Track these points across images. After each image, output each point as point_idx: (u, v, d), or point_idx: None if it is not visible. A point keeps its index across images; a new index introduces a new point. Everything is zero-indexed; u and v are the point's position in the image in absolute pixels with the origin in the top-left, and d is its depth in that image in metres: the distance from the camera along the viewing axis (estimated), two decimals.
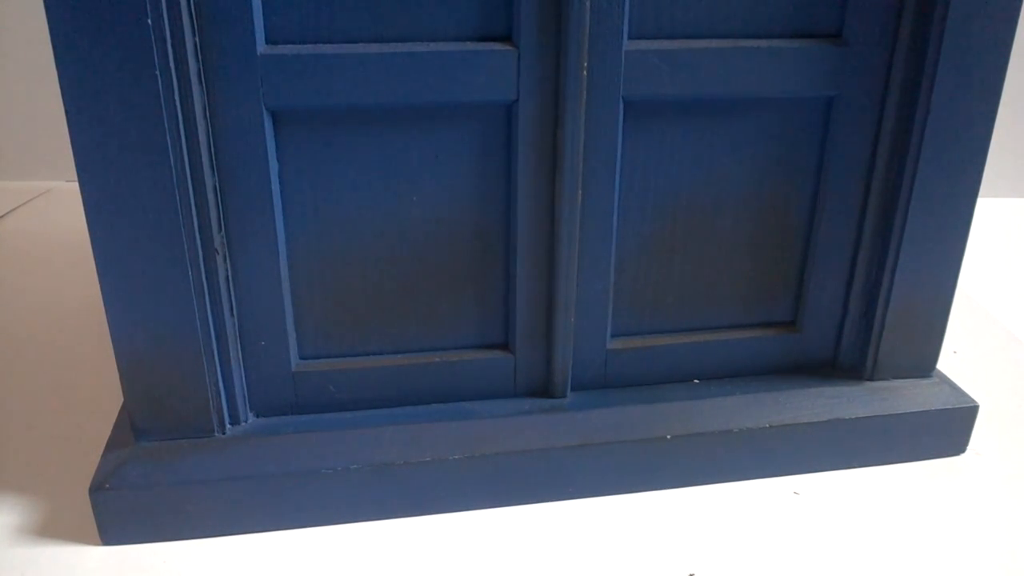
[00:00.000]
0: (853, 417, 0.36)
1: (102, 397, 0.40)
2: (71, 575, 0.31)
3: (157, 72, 0.27)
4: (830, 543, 0.33)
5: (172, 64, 0.27)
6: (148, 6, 0.26)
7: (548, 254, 0.33)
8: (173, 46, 0.27)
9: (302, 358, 0.34)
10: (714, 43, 0.31)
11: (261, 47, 0.29)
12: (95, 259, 0.30)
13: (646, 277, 0.36)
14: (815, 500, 0.35)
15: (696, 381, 0.38)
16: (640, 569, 0.32)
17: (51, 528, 0.33)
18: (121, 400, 0.33)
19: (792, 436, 0.36)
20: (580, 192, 0.32)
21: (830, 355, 0.38)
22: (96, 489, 0.32)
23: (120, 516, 0.32)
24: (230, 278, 0.32)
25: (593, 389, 0.37)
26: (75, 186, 0.29)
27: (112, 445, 0.33)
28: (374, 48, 0.29)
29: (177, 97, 0.28)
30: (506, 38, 0.30)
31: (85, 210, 0.29)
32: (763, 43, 0.32)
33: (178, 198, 0.29)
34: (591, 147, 0.32)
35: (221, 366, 0.32)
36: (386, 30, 0.29)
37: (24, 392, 0.42)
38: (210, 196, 0.30)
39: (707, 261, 0.36)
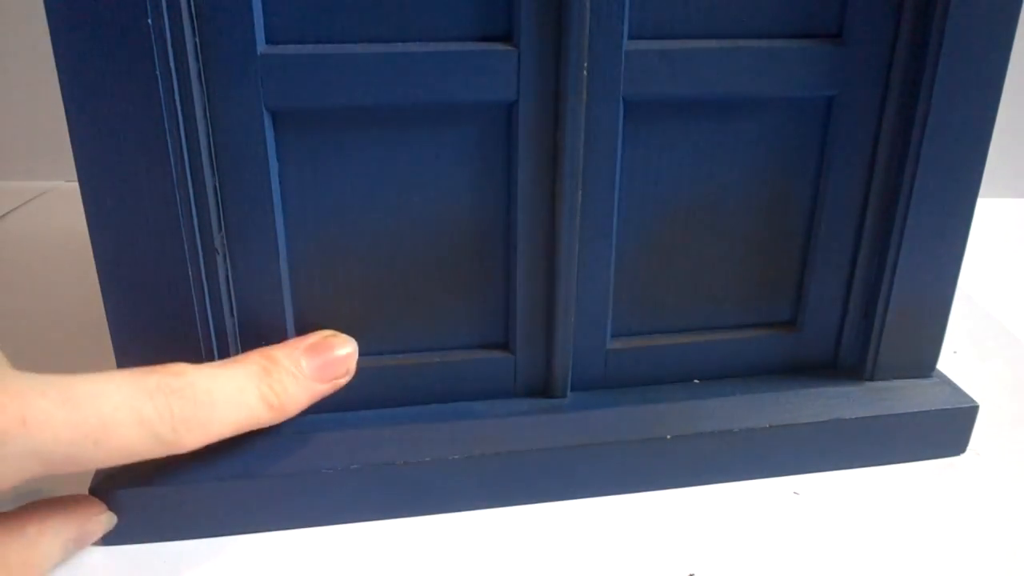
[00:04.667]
0: (853, 417, 0.36)
1: None
2: (71, 575, 0.31)
3: (157, 72, 0.27)
4: (830, 543, 0.33)
5: (172, 64, 0.27)
6: (148, 6, 0.26)
7: (548, 254, 0.33)
8: (173, 46, 0.27)
9: None
10: (714, 43, 0.31)
11: (261, 47, 0.29)
12: (95, 259, 0.30)
13: (646, 277, 0.36)
14: (815, 500, 0.35)
15: (696, 381, 0.38)
16: (640, 569, 0.32)
17: None
18: None
19: (792, 436, 0.36)
20: (580, 192, 0.32)
21: (830, 355, 0.38)
22: (96, 489, 0.32)
23: (120, 516, 0.32)
24: (230, 278, 0.32)
25: (593, 389, 0.37)
26: (75, 186, 0.29)
27: None
28: (374, 48, 0.29)
29: (177, 97, 0.28)
30: (506, 38, 0.30)
31: (85, 210, 0.29)
32: (763, 43, 0.32)
33: (178, 198, 0.29)
34: (591, 147, 0.32)
35: None
36: (386, 30, 0.29)
37: None
38: (210, 196, 0.30)
39: (707, 261, 0.36)
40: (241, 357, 0.30)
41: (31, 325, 0.49)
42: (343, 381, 0.32)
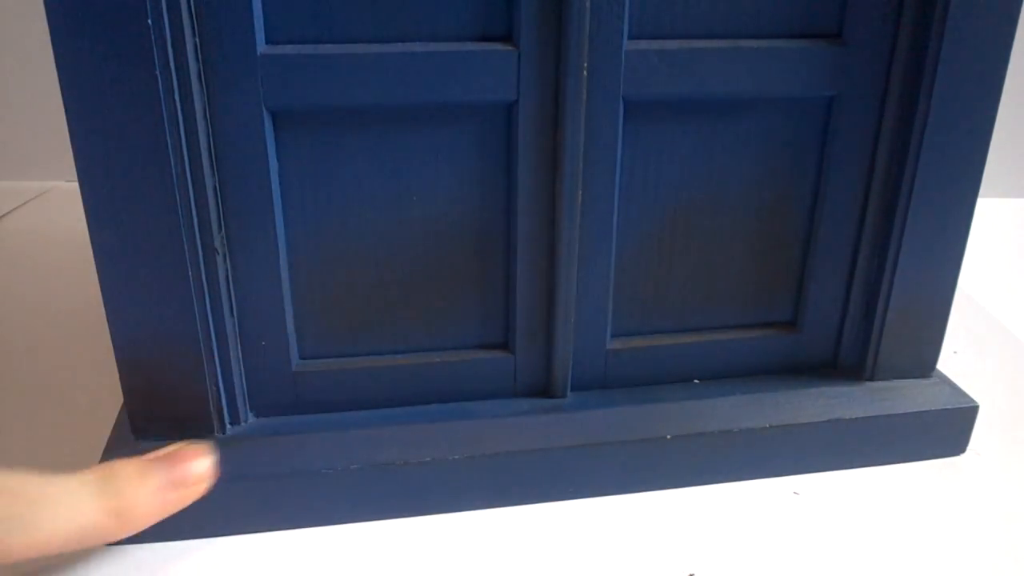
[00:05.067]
0: (853, 417, 0.36)
1: (102, 397, 0.40)
2: (72, 575, 0.31)
3: (157, 72, 0.27)
4: (830, 543, 0.33)
5: (172, 64, 0.27)
6: (148, 6, 0.26)
7: (548, 254, 0.33)
8: (173, 46, 0.27)
9: (302, 358, 0.34)
10: (714, 43, 0.31)
11: (261, 47, 0.29)
12: (95, 259, 0.30)
13: (646, 277, 0.36)
14: (815, 500, 0.35)
15: (696, 381, 0.38)
16: (640, 569, 0.32)
17: None
18: (121, 400, 0.33)
19: (792, 436, 0.36)
20: (580, 192, 0.32)
21: (830, 355, 0.38)
22: None
23: None
24: (230, 278, 0.32)
25: (593, 389, 0.37)
26: (75, 186, 0.29)
27: (112, 445, 0.33)
28: (374, 48, 0.29)
29: (177, 97, 0.28)
30: (506, 38, 0.30)
31: (85, 210, 0.29)
32: (763, 43, 0.32)
33: (178, 198, 0.29)
34: (591, 147, 0.32)
35: (221, 366, 0.32)
36: (386, 30, 0.29)
37: (23, 392, 0.42)
38: (210, 196, 0.30)
39: (707, 261, 0.36)
40: (85, 470, 0.28)
41: (31, 325, 0.49)
42: (201, 489, 0.30)
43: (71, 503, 0.27)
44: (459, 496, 0.34)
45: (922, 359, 0.38)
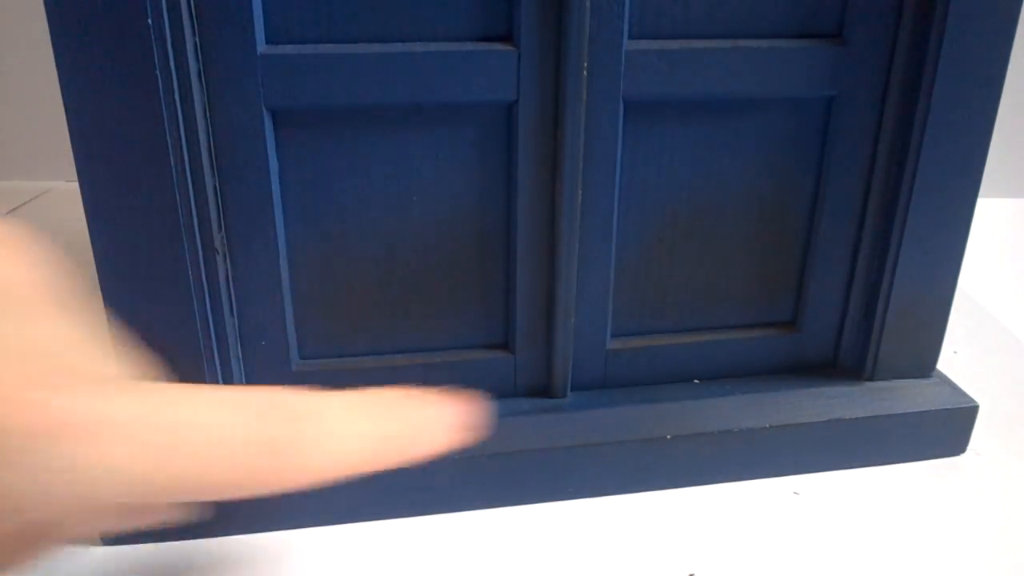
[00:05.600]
0: (853, 417, 0.36)
1: None
2: (72, 575, 0.31)
3: (157, 72, 0.27)
4: (830, 543, 0.33)
5: (172, 64, 0.27)
6: (148, 6, 0.26)
7: (548, 254, 0.33)
8: (173, 46, 0.27)
9: (302, 358, 0.34)
10: (714, 43, 0.31)
11: (261, 47, 0.29)
12: (95, 259, 0.30)
13: (646, 277, 0.36)
14: (815, 500, 0.35)
15: (696, 381, 0.38)
16: (640, 569, 0.32)
17: None
18: None
19: (792, 436, 0.36)
20: (580, 192, 0.32)
21: (830, 355, 0.38)
22: None
23: None
24: (230, 278, 0.32)
25: (593, 389, 0.37)
26: (75, 186, 0.29)
27: None
28: (374, 48, 0.29)
29: (177, 97, 0.28)
30: (506, 38, 0.30)
31: (85, 210, 0.29)
32: (763, 43, 0.32)
33: (178, 198, 0.29)
34: (591, 147, 0.32)
35: (221, 366, 0.32)
36: (386, 30, 0.29)
37: None
38: (210, 196, 0.30)
39: (707, 261, 0.36)
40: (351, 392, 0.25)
41: None
42: (471, 437, 0.27)
43: (351, 422, 0.24)
44: (459, 496, 0.34)
45: (922, 359, 0.38)
